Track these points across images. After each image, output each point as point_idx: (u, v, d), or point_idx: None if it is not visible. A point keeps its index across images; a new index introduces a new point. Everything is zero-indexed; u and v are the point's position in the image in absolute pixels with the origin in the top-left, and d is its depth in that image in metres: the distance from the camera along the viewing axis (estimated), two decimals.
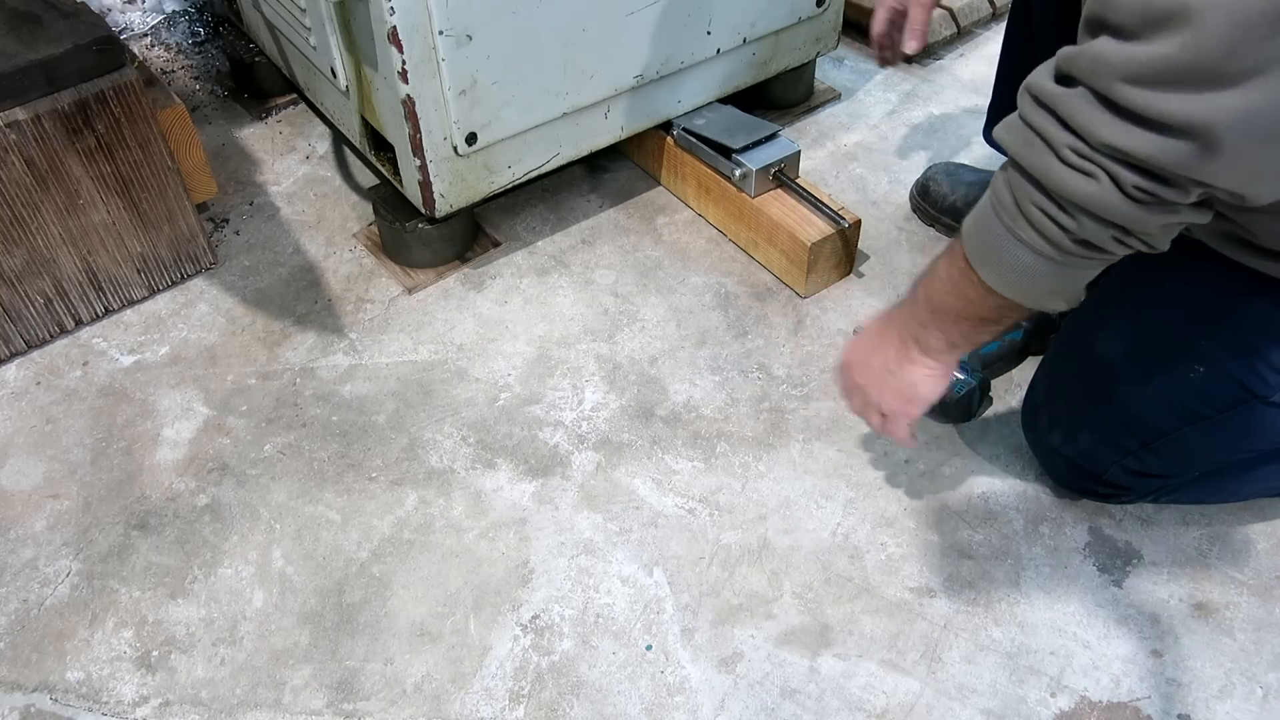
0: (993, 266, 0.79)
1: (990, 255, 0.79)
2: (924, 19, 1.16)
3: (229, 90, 1.73)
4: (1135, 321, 0.99)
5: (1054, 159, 0.70)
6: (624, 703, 0.96)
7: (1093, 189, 0.69)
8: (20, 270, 1.23)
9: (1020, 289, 0.79)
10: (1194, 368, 0.94)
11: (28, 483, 1.16)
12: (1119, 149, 0.66)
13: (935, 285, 0.86)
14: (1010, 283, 0.79)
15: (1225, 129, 0.62)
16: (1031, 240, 0.75)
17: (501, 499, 1.13)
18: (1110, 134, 0.66)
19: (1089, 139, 0.67)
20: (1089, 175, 0.69)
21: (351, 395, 1.24)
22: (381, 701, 0.96)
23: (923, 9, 1.15)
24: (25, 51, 1.13)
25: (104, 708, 0.97)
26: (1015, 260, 0.77)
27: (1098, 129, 0.66)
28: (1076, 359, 1.05)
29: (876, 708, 0.95)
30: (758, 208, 1.36)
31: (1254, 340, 0.91)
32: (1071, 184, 0.70)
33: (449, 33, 1.14)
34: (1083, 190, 0.69)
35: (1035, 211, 0.73)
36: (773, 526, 1.10)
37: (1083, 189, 0.69)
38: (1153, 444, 0.99)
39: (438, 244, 1.39)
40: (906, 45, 1.16)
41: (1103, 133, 0.66)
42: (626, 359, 1.28)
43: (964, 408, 1.15)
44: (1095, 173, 0.68)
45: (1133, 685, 0.97)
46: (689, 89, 1.44)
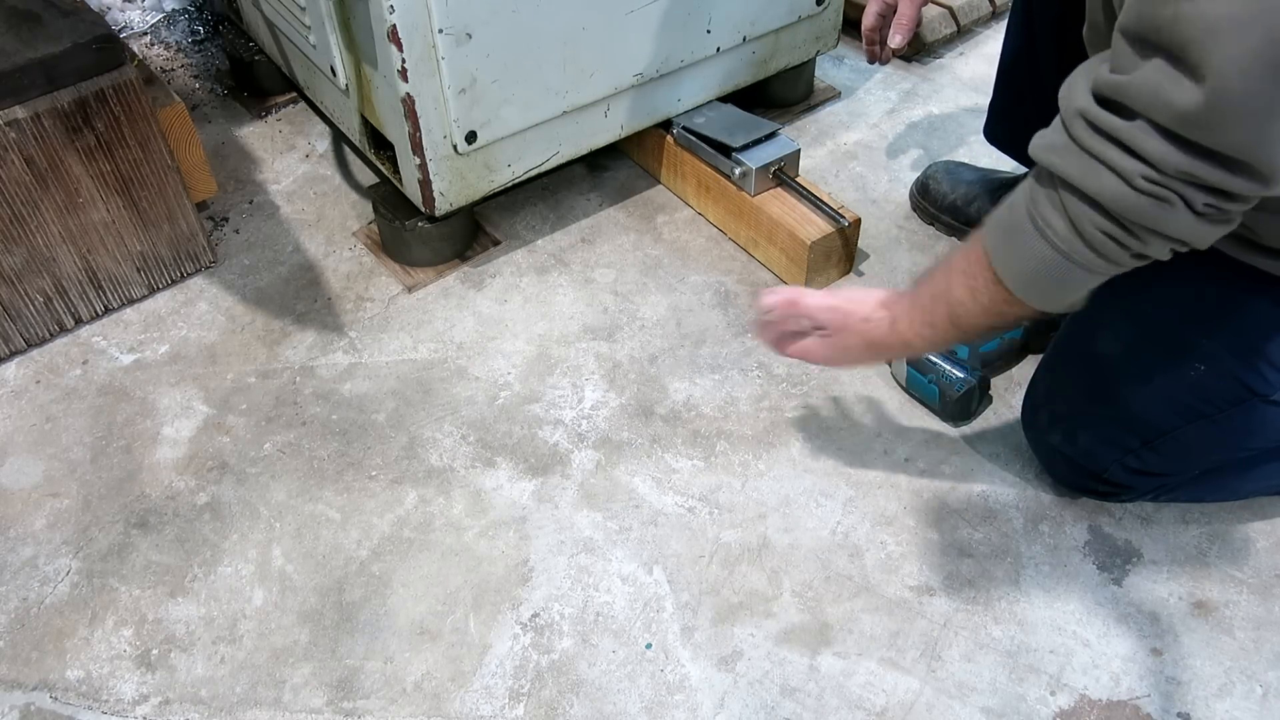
0: (1030, 283, 0.80)
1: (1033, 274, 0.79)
2: (913, 14, 1.16)
3: (229, 89, 1.73)
4: (1135, 320, 0.99)
5: (1126, 187, 0.70)
6: (624, 701, 0.96)
7: (1167, 213, 0.70)
8: (20, 269, 1.23)
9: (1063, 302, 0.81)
10: (1194, 366, 0.94)
11: (27, 481, 1.16)
12: (1194, 176, 0.68)
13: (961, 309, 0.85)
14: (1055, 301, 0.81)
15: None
16: (1088, 261, 0.76)
17: (501, 497, 1.13)
18: (1183, 164, 0.67)
19: (1163, 168, 0.68)
20: (1163, 200, 0.70)
21: (351, 394, 1.24)
22: (381, 700, 0.96)
23: (913, 5, 1.15)
24: (25, 50, 1.13)
25: (104, 706, 0.97)
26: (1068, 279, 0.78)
27: (1170, 159, 0.67)
28: (1077, 357, 1.05)
29: (876, 706, 0.95)
30: (757, 206, 1.36)
31: (1255, 339, 0.91)
32: (1147, 210, 0.71)
33: (449, 31, 1.14)
34: (1157, 214, 0.71)
35: (1097, 234, 0.74)
36: (772, 525, 1.10)
37: (1157, 213, 0.70)
38: (1153, 442, 0.99)
39: (437, 242, 1.39)
40: (892, 40, 1.17)
41: (1176, 162, 0.67)
42: (626, 357, 1.28)
43: (963, 406, 1.16)
44: (1170, 198, 0.69)
45: (1132, 683, 0.97)
46: (689, 87, 1.44)
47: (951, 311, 0.86)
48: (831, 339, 0.95)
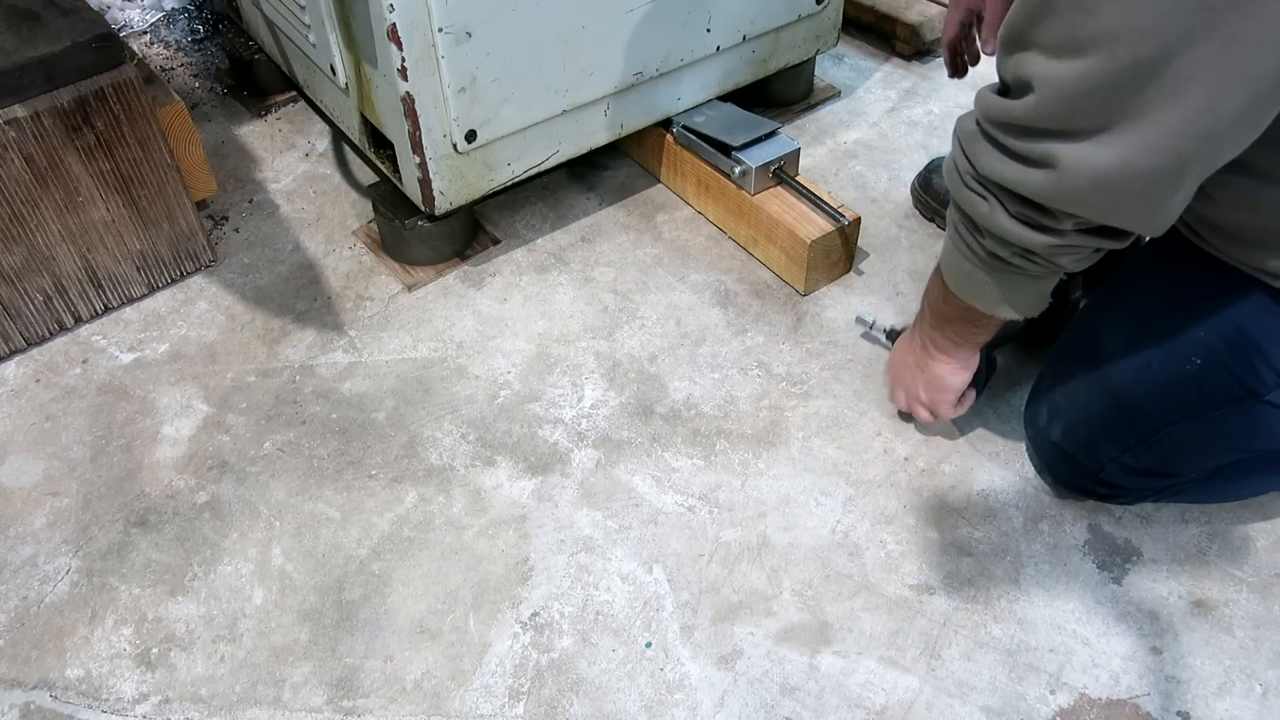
0: (949, 273, 0.94)
1: (946, 263, 0.94)
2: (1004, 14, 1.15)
3: (228, 88, 1.73)
4: (1135, 313, 1.00)
5: (959, 181, 0.85)
6: (623, 700, 0.96)
7: (984, 209, 0.83)
8: (20, 268, 1.23)
9: (968, 294, 0.94)
10: (1191, 360, 0.94)
11: (27, 480, 1.16)
12: (998, 177, 0.79)
13: (932, 292, 1.01)
14: (961, 288, 0.94)
15: (1068, 170, 0.73)
16: (961, 250, 0.90)
17: (501, 496, 1.13)
18: (989, 165, 0.80)
19: (978, 167, 0.82)
20: (982, 198, 0.83)
21: (351, 393, 1.24)
22: (381, 699, 0.96)
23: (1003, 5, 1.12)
24: (24, 49, 1.13)
25: (104, 705, 0.97)
26: (959, 267, 0.92)
27: (982, 160, 0.80)
28: (1078, 351, 1.06)
29: (876, 705, 0.95)
30: (757, 205, 1.36)
31: (1253, 336, 0.91)
32: (970, 203, 0.84)
33: (448, 30, 1.14)
34: (978, 210, 0.84)
35: (959, 226, 0.89)
36: (772, 524, 1.10)
37: (978, 209, 0.84)
38: (1149, 440, 0.99)
39: (437, 241, 1.39)
40: (985, 47, 1.16)
41: (984, 163, 0.80)
42: (626, 356, 1.28)
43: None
44: (986, 196, 0.82)
45: (1132, 682, 0.97)
46: (689, 86, 1.44)
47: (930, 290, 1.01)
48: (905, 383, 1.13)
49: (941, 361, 1.05)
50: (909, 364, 1.10)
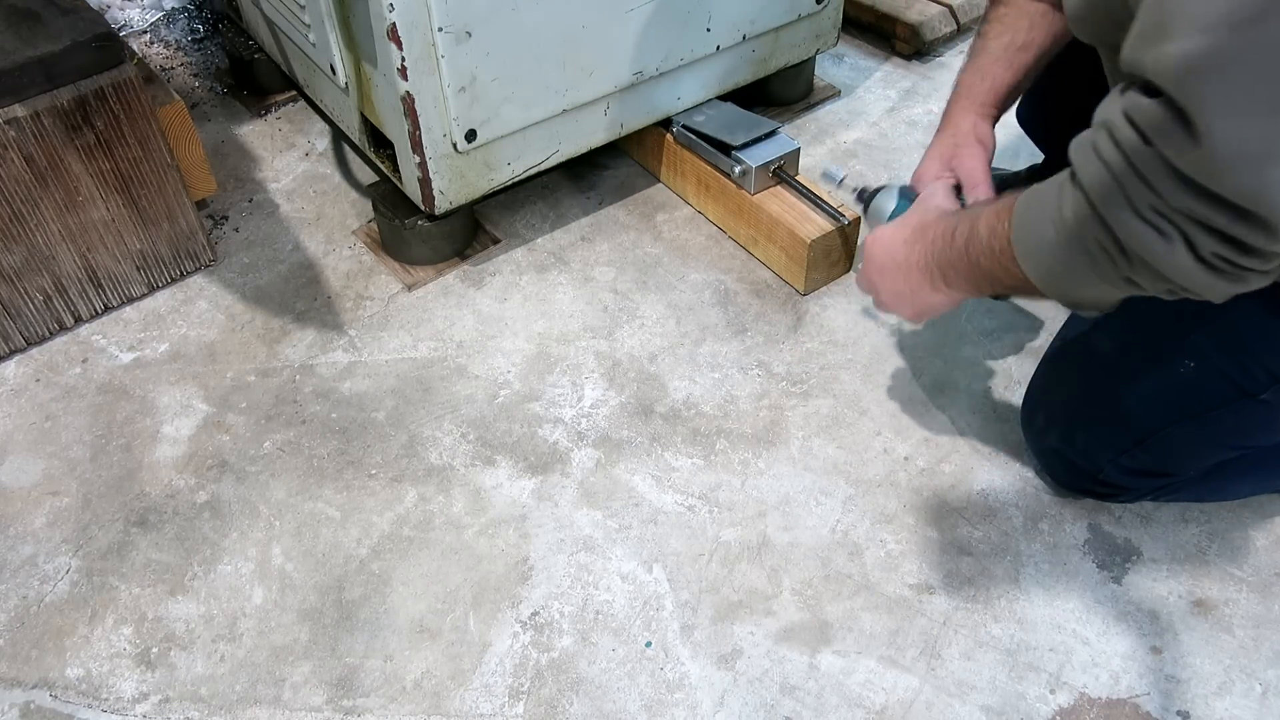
0: (1035, 264, 0.79)
1: (1036, 255, 0.79)
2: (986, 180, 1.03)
3: (228, 87, 1.73)
4: (1129, 317, 0.99)
5: (1129, 209, 0.68)
6: (623, 699, 0.96)
7: (1162, 247, 0.68)
8: (19, 267, 1.23)
9: (1052, 287, 0.80)
10: (1184, 363, 0.94)
11: (27, 479, 1.16)
12: (1199, 216, 0.65)
13: (976, 245, 0.85)
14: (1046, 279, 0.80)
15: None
16: (1082, 265, 0.75)
17: (501, 496, 1.13)
18: (1188, 203, 0.64)
19: (1170, 201, 0.65)
20: (1163, 235, 0.67)
21: (351, 392, 1.24)
22: (381, 698, 0.96)
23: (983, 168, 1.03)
24: (24, 48, 1.13)
25: (104, 704, 0.97)
26: (1057, 268, 0.78)
27: (1177, 196, 0.65)
28: (1073, 356, 1.06)
29: (876, 704, 0.95)
30: (757, 205, 1.36)
31: (1245, 337, 0.91)
32: (1144, 240, 0.68)
33: (448, 29, 1.14)
34: (1152, 247, 0.68)
35: (1095, 245, 0.73)
36: (772, 523, 1.10)
37: (1152, 245, 0.68)
38: (1145, 441, 0.99)
39: (437, 241, 1.39)
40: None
41: (1181, 201, 0.65)
42: (626, 356, 1.28)
43: None
44: (1171, 234, 0.67)
45: (1132, 682, 0.97)
46: (688, 86, 1.44)
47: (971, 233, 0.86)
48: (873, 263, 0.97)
49: (943, 294, 0.94)
50: (900, 287, 0.96)
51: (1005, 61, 1.03)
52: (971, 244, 0.86)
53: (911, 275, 0.93)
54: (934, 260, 0.91)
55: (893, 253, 0.95)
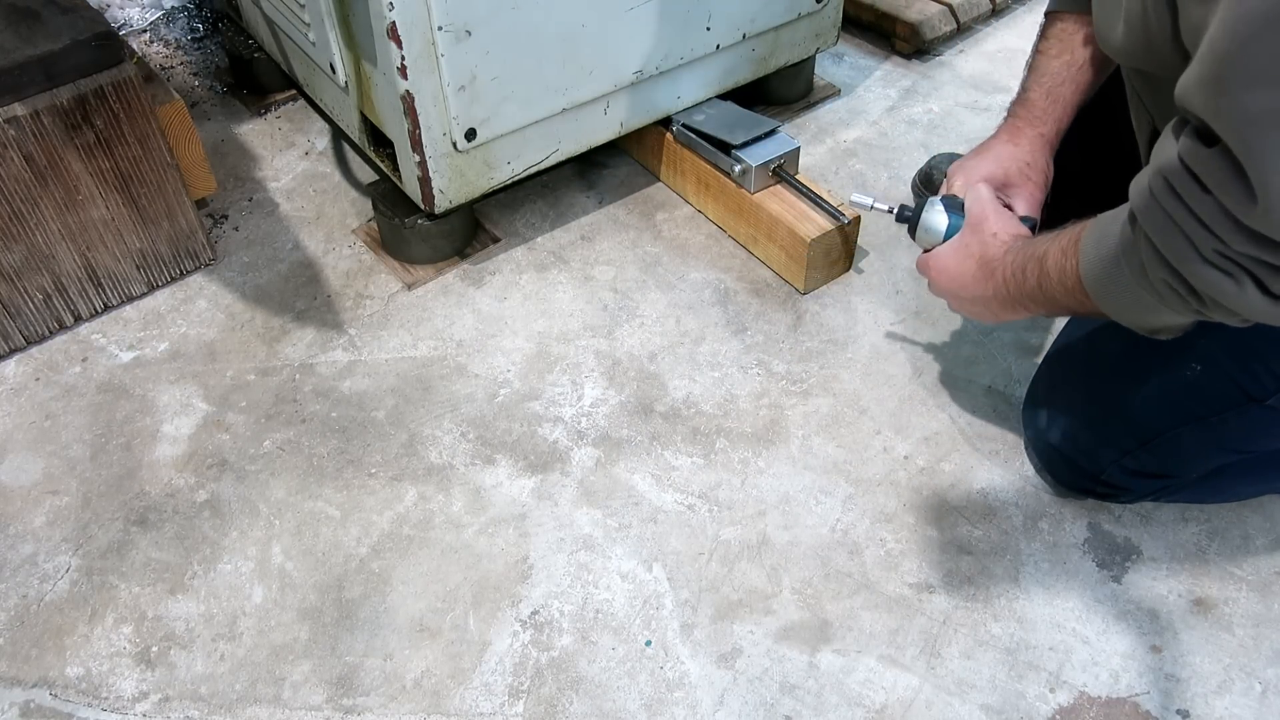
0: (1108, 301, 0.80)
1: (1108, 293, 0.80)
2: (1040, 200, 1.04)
3: (228, 86, 1.73)
4: None
5: (1194, 254, 0.69)
6: (623, 698, 0.96)
7: (1232, 289, 0.68)
8: (19, 266, 1.23)
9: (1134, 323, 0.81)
10: (1191, 366, 0.94)
11: (27, 478, 1.16)
12: (1264, 259, 0.65)
13: (1048, 283, 0.86)
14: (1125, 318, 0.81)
15: None
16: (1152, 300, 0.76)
17: (501, 495, 1.13)
18: (1251, 248, 0.65)
19: (1233, 245, 0.66)
20: (1231, 276, 0.68)
21: (351, 391, 1.24)
22: (381, 697, 0.96)
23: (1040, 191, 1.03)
24: (24, 47, 1.13)
25: (104, 703, 0.97)
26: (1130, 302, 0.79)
27: (1238, 241, 0.65)
28: (1077, 356, 1.06)
29: (875, 703, 0.95)
30: (757, 204, 1.36)
31: (1252, 342, 0.91)
32: (1212, 282, 0.69)
33: (448, 28, 1.14)
34: (1222, 288, 0.69)
35: (1163, 286, 0.73)
36: (772, 522, 1.10)
37: (1222, 287, 0.69)
38: (1150, 443, 0.99)
39: (437, 240, 1.39)
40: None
41: (1243, 245, 0.65)
42: (626, 355, 1.28)
43: None
44: (1239, 275, 0.67)
45: (1132, 681, 0.97)
46: (688, 85, 1.44)
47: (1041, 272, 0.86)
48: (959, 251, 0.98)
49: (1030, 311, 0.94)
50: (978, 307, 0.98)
51: (1072, 82, 1.02)
52: (1044, 282, 0.87)
53: (991, 305, 0.95)
54: (1010, 296, 0.92)
55: (964, 285, 0.97)
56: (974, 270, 0.95)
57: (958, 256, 0.98)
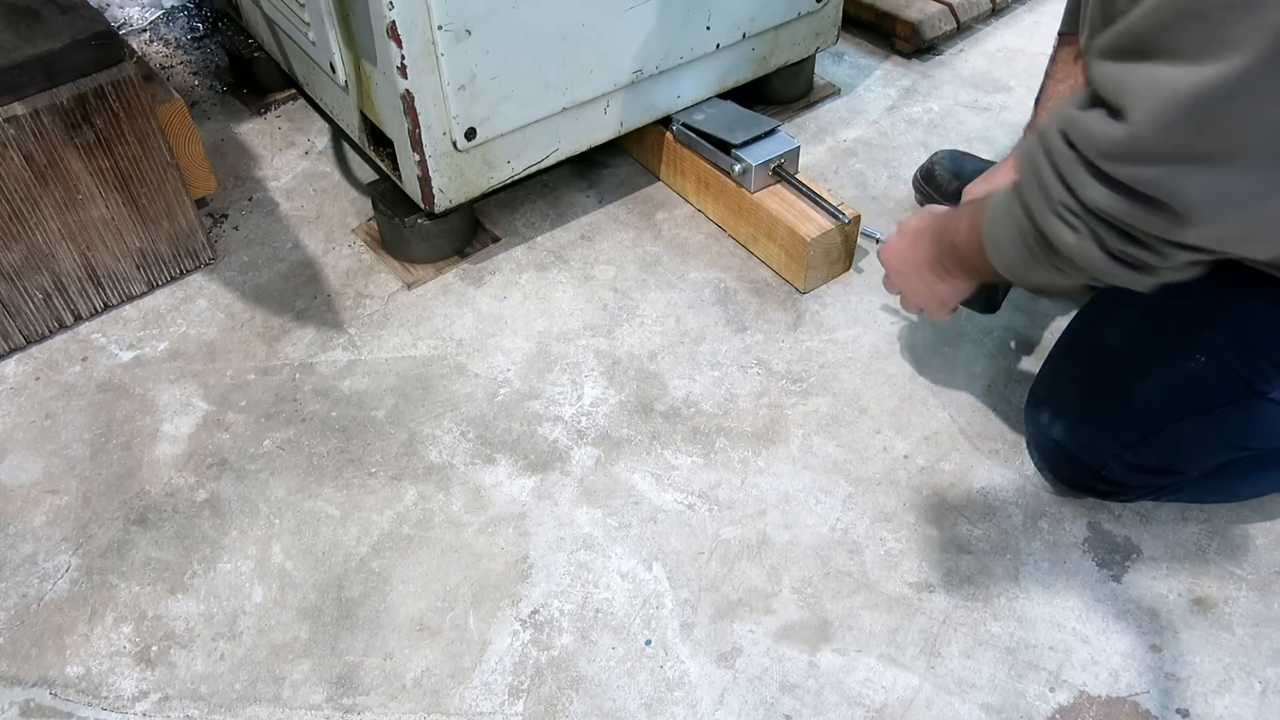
0: (996, 249, 0.89)
1: (996, 243, 0.88)
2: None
3: (228, 85, 1.73)
4: (1140, 310, 1.00)
5: (1046, 206, 0.78)
6: (623, 697, 0.96)
7: (1075, 241, 0.77)
8: (19, 265, 1.23)
9: (1012, 273, 0.89)
10: (1195, 358, 0.94)
11: (27, 478, 1.16)
12: (1105, 211, 0.73)
13: (963, 243, 0.96)
14: (1006, 267, 0.89)
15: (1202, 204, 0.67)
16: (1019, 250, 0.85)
17: (501, 494, 1.13)
18: (1097, 197, 0.73)
19: (1083, 201, 0.74)
20: (1075, 230, 0.76)
21: (351, 391, 1.24)
22: (381, 696, 0.96)
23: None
24: (24, 46, 1.13)
25: (103, 702, 0.97)
26: (1011, 256, 0.87)
27: (1087, 191, 0.73)
28: (1082, 349, 1.06)
29: (875, 702, 0.95)
30: (757, 203, 1.36)
31: (1257, 334, 0.91)
32: (1058, 234, 0.78)
33: (448, 28, 1.14)
34: (1066, 240, 0.78)
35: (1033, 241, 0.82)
36: (772, 521, 1.10)
37: (1066, 239, 0.77)
38: (1151, 438, 0.99)
39: (437, 239, 1.39)
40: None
41: (1090, 194, 0.73)
42: (626, 354, 1.28)
43: (989, 299, 1.15)
44: (1081, 230, 0.76)
45: (1132, 680, 0.97)
46: (688, 84, 1.44)
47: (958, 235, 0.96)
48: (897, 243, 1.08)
49: (952, 284, 1.03)
50: (914, 282, 1.07)
51: None
52: (959, 242, 0.97)
53: (923, 273, 1.04)
54: (938, 258, 1.02)
55: (903, 257, 1.07)
56: (910, 240, 1.06)
57: (899, 235, 1.08)
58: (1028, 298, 1.33)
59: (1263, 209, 0.67)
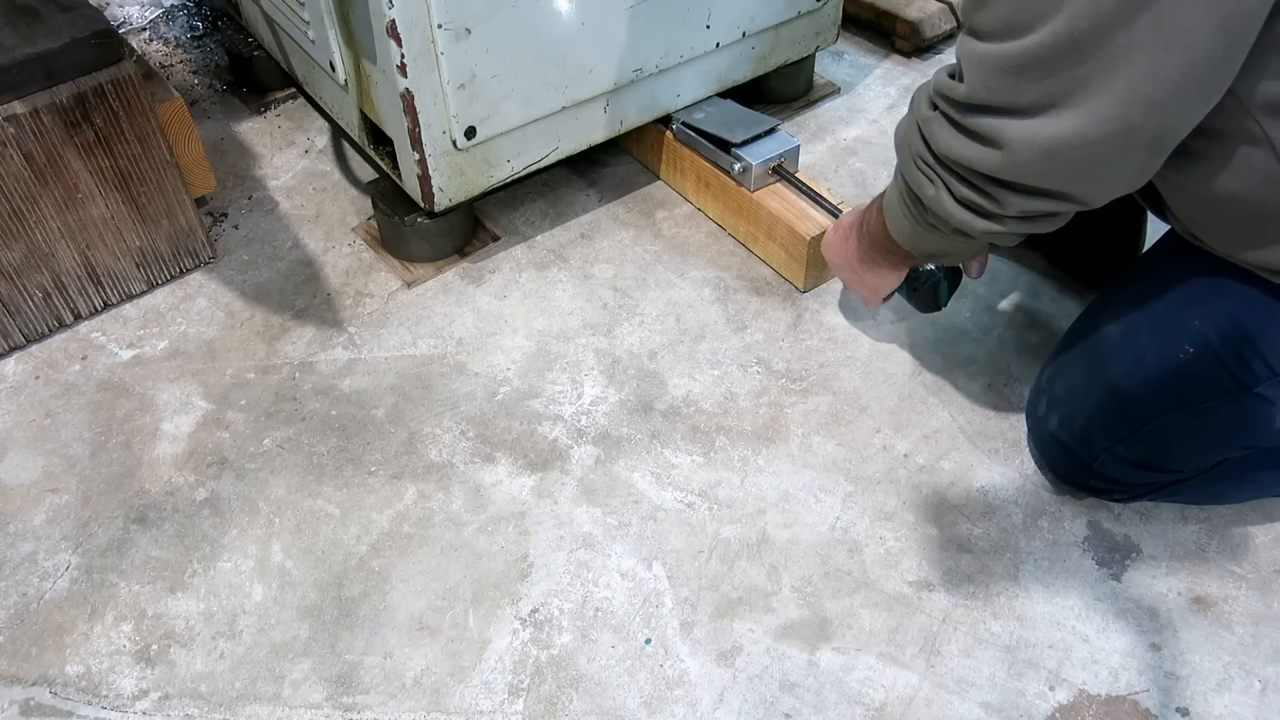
0: (891, 221, 0.98)
1: (889, 213, 0.98)
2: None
3: (227, 84, 1.73)
4: (1135, 302, 1.00)
5: (910, 160, 0.90)
6: (623, 696, 0.96)
7: (930, 192, 0.88)
8: (19, 264, 1.23)
9: (907, 243, 0.98)
10: (1184, 348, 0.95)
11: (27, 477, 1.16)
12: (952, 155, 0.83)
13: (873, 221, 1.05)
14: (901, 238, 0.98)
15: (1019, 145, 0.78)
16: (904, 212, 0.95)
17: (500, 493, 1.13)
18: (944, 141, 0.84)
19: (933, 145, 0.86)
20: (929, 180, 0.88)
21: (350, 389, 1.24)
22: (381, 695, 0.96)
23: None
24: (23, 45, 1.13)
25: (103, 701, 0.97)
26: (900, 222, 0.97)
27: (938, 138, 0.84)
28: (1081, 341, 1.06)
29: (875, 701, 0.95)
30: (757, 202, 1.36)
31: (1246, 326, 0.91)
32: (917, 183, 0.89)
33: (448, 26, 1.14)
34: (924, 192, 0.89)
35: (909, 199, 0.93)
36: (772, 520, 1.10)
37: (924, 190, 0.89)
38: (1140, 431, 0.99)
39: (436, 238, 1.39)
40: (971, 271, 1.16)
41: (940, 140, 0.84)
42: (625, 353, 1.28)
43: (931, 298, 1.17)
44: (935, 180, 0.87)
45: (1131, 679, 0.97)
46: (688, 83, 1.44)
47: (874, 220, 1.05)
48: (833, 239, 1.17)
49: (879, 272, 1.10)
50: (846, 270, 1.15)
51: None
52: (872, 226, 1.05)
53: (855, 264, 1.13)
54: (862, 247, 1.10)
55: (838, 250, 1.15)
56: (843, 234, 1.14)
57: (834, 228, 1.17)
58: (1029, 295, 1.33)
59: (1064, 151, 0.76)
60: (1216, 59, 0.72)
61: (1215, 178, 0.84)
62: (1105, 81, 0.73)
